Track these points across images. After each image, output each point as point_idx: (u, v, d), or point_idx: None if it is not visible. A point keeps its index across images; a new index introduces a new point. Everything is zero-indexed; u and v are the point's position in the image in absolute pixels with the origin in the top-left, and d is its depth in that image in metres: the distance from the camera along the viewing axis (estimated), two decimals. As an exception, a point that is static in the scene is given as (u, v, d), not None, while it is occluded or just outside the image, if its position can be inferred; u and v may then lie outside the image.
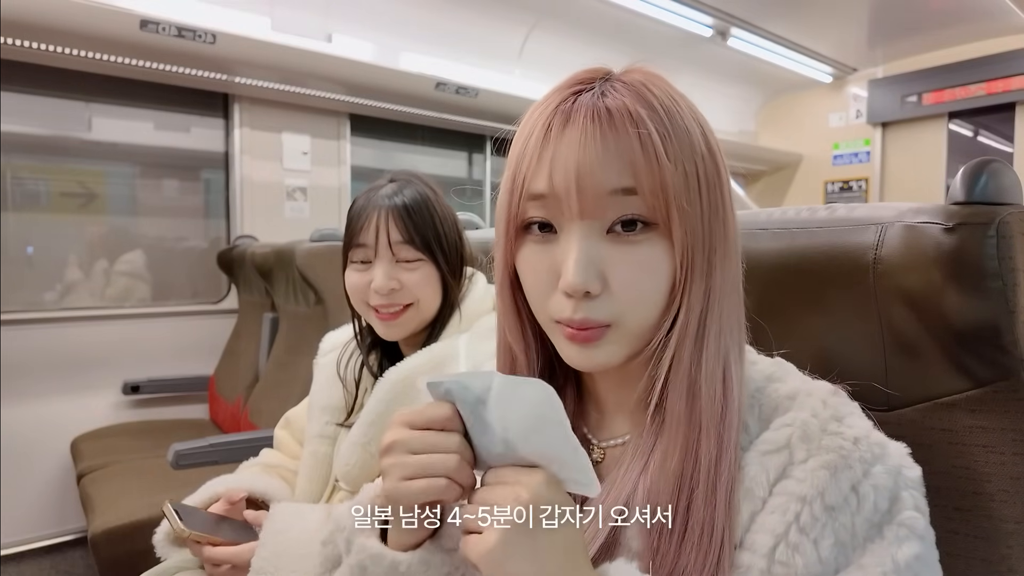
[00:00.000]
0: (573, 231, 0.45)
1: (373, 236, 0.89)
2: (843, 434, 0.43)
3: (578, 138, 0.44)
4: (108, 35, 2.10)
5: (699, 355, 0.45)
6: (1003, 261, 0.48)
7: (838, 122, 4.52)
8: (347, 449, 0.91)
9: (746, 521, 0.43)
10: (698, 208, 0.45)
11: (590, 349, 0.47)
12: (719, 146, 0.48)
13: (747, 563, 0.42)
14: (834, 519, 0.41)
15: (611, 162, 0.44)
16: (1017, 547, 0.51)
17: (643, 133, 0.43)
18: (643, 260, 0.45)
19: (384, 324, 0.91)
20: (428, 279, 0.91)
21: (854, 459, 0.42)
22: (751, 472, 0.44)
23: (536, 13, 3.17)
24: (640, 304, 0.46)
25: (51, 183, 2.51)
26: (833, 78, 4.38)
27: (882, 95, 4.26)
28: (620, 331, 0.46)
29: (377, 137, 3.27)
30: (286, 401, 1.39)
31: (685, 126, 0.45)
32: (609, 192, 0.44)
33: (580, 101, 0.45)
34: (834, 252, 0.57)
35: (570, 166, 0.44)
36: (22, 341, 2.27)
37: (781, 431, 0.44)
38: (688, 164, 0.44)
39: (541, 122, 0.46)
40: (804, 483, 0.42)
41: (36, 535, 2.30)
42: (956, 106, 3.94)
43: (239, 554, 0.81)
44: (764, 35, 3.57)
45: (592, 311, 0.45)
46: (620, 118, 0.44)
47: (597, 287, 0.45)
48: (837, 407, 0.45)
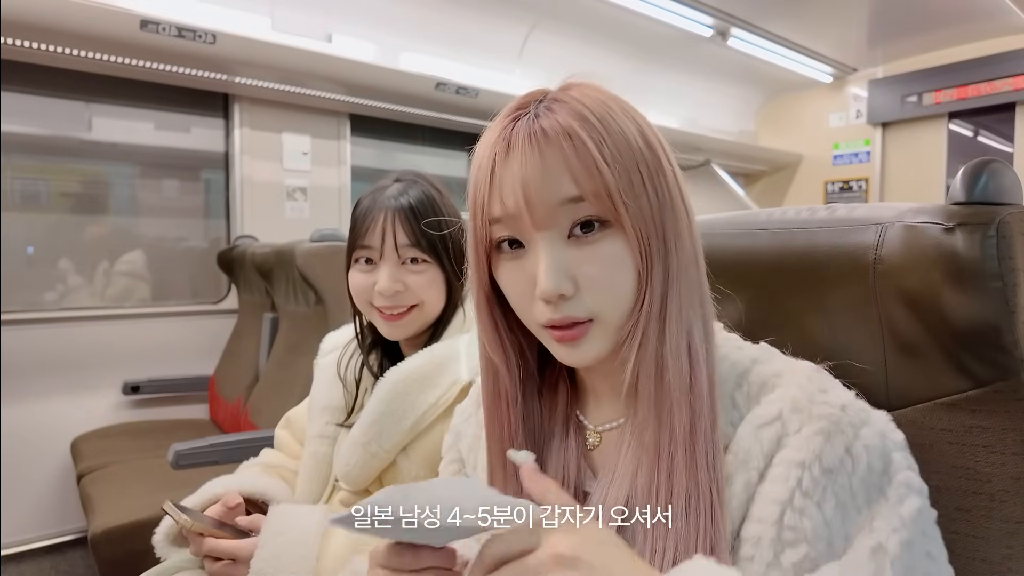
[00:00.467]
0: (538, 243, 0.50)
1: (379, 238, 0.89)
2: (831, 402, 0.46)
3: (519, 160, 0.49)
4: (108, 35, 2.10)
5: (662, 331, 0.49)
6: (1003, 261, 0.48)
7: (838, 122, 4.52)
8: (347, 449, 0.91)
9: (741, 492, 0.46)
10: (645, 200, 0.48)
11: (578, 347, 0.51)
12: (659, 137, 0.52)
13: (757, 534, 0.44)
14: (833, 481, 0.43)
15: (553, 176, 0.48)
16: (1018, 547, 0.51)
17: (577, 144, 0.48)
18: (605, 256, 0.49)
19: (388, 324, 0.91)
20: (433, 281, 0.91)
21: (844, 423, 0.45)
22: (744, 444, 0.47)
23: (536, 13, 3.17)
24: (612, 296, 0.50)
25: (51, 183, 2.51)
26: (833, 78, 4.39)
27: (882, 95, 4.26)
28: (601, 325, 0.50)
29: (377, 137, 3.27)
30: (286, 401, 1.39)
31: (619, 128, 0.49)
32: (558, 203, 0.48)
33: (518, 127, 0.50)
34: (834, 252, 0.57)
35: (517, 188, 0.48)
36: (22, 341, 2.27)
37: (772, 405, 0.47)
38: (628, 162, 0.48)
39: (487, 152, 0.51)
40: (801, 450, 0.44)
41: (36, 535, 2.30)
42: (956, 106, 3.95)
43: (240, 547, 0.81)
44: (764, 35, 3.57)
45: (571, 309, 0.49)
46: (554, 135, 0.48)
47: (570, 288, 0.49)
48: (821, 381, 0.48)
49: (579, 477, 0.56)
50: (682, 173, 0.53)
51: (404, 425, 0.88)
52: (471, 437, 0.66)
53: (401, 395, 0.88)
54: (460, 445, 0.68)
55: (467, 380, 0.87)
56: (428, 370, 0.89)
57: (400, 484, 0.90)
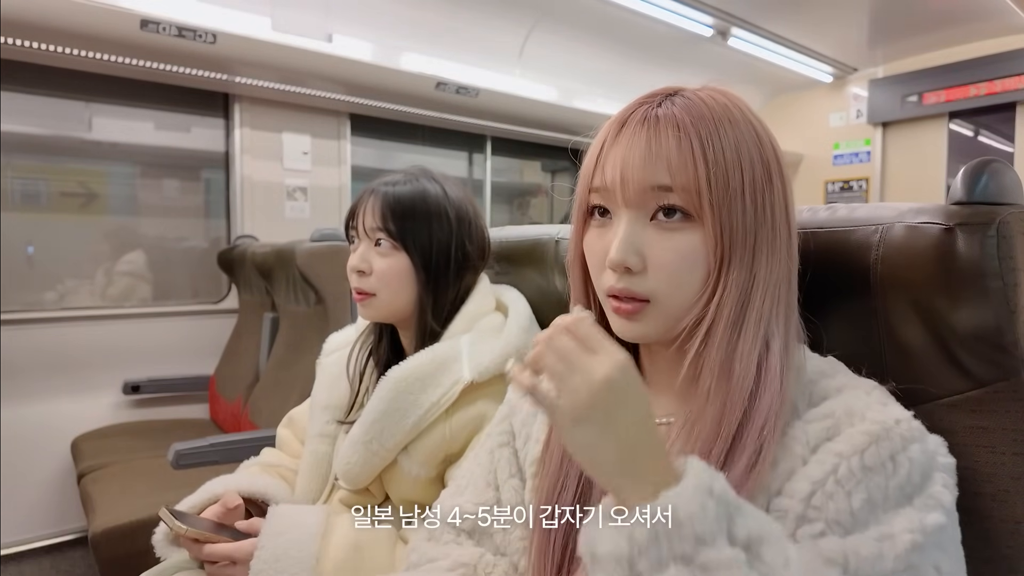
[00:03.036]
0: (622, 217, 0.53)
1: (360, 218, 0.93)
2: (887, 414, 0.47)
3: (627, 139, 0.52)
4: (108, 35, 2.10)
5: (735, 338, 0.50)
6: (1004, 261, 0.48)
7: (839, 122, 4.52)
8: (348, 447, 0.91)
9: (782, 475, 0.47)
10: (738, 206, 0.50)
11: (631, 322, 0.54)
12: (778, 156, 0.53)
13: (785, 507, 0.46)
14: (869, 478, 0.44)
15: (652, 161, 0.51)
16: (1018, 547, 0.51)
17: (682, 137, 0.50)
18: (679, 246, 0.51)
19: (358, 304, 0.95)
20: (397, 270, 0.92)
21: (895, 433, 0.45)
22: (793, 433, 0.48)
23: (536, 13, 3.16)
24: (675, 284, 0.52)
25: (52, 183, 2.51)
26: (834, 78, 4.38)
27: (883, 95, 4.26)
28: (658, 307, 0.52)
29: (377, 137, 3.27)
30: (286, 401, 1.40)
31: (734, 134, 0.51)
32: (649, 187, 0.51)
33: (638, 111, 0.53)
34: (835, 252, 0.58)
35: (617, 164, 0.52)
36: (22, 341, 2.27)
37: (826, 405, 0.49)
38: (731, 167, 0.50)
39: (606, 127, 0.55)
40: (845, 443, 0.46)
41: (36, 535, 2.30)
42: (956, 106, 3.94)
43: (239, 549, 0.81)
44: (765, 35, 3.57)
45: (632, 284, 0.52)
46: (664, 124, 0.51)
47: (637, 263, 0.51)
48: (881, 396, 0.50)
49: None
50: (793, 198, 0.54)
51: (406, 424, 0.88)
52: (526, 412, 0.68)
53: (403, 394, 0.89)
54: (513, 420, 0.70)
55: (469, 380, 0.87)
56: (430, 369, 0.89)
57: (400, 483, 0.90)
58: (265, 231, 2.71)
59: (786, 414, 0.49)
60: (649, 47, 3.58)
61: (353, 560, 0.81)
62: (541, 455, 0.63)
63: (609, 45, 3.50)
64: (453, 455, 0.89)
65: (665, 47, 3.61)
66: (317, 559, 0.79)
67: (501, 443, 0.69)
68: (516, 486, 0.66)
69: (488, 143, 3.66)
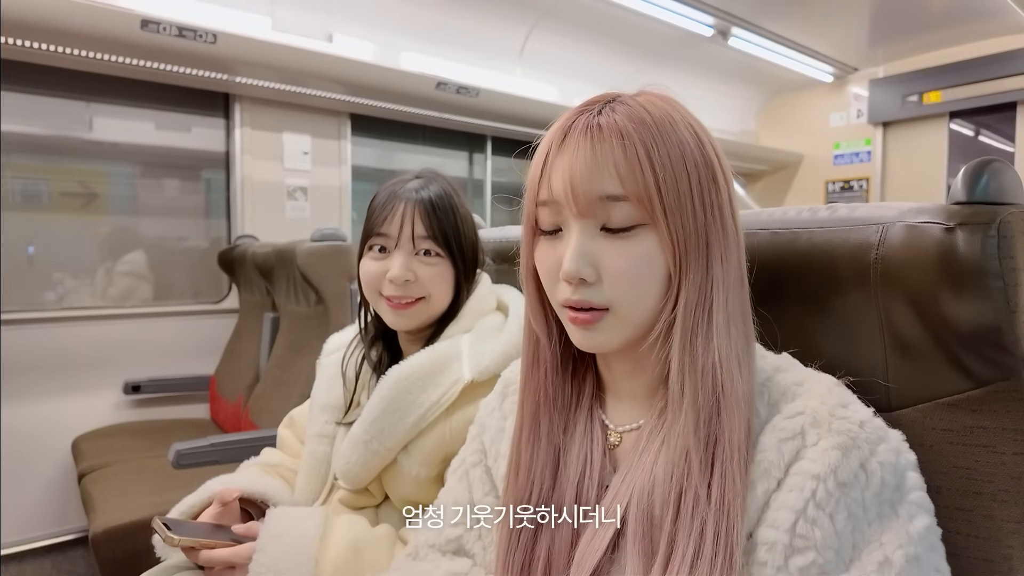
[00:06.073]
0: (573, 229, 0.52)
1: (397, 227, 0.90)
2: (850, 418, 0.47)
3: (572, 150, 0.51)
4: (109, 35, 2.10)
5: (698, 339, 0.50)
6: (1004, 261, 0.48)
7: (839, 122, 4.52)
8: (348, 447, 0.91)
9: (760, 498, 0.47)
10: (689, 209, 0.50)
11: (590, 331, 0.53)
12: (719, 157, 0.53)
13: (772, 539, 0.46)
14: (846, 494, 0.45)
15: (599, 171, 0.50)
16: (1018, 547, 0.51)
17: (628, 145, 0.50)
18: (634, 253, 0.51)
19: (394, 313, 0.92)
20: (443, 276, 0.92)
21: (861, 440, 0.46)
22: (770, 456, 0.48)
23: (537, 13, 3.16)
24: (633, 292, 0.51)
25: (52, 183, 2.51)
26: (834, 78, 4.38)
27: (883, 95, 4.26)
28: (616, 316, 0.52)
29: (378, 137, 3.27)
30: (287, 400, 1.40)
31: (677, 137, 0.51)
32: (599, 197, 0.50)
33: (579, 120, 0.52)
34: (835, 252, 0.57)
35: (564, 176, 0.51)
36: (22, 341, 2.27)
37: (795, 419, 0.49)
38: (678, 171, 0.50)
39: (547, 139, 0.54)
40: (817, 463, 0.46)
41: (37, 534, 2.30)
42: (957, 106, 3.94)
43: (236, 554, 0.81)
44: (765, 35, 3.57)
45: (588, 295, 0.52)
46: (608, 132, 0.50)
47: (591, 274, 0.51)
48: (841, 395, 0.50)
49: (602, 472, 0.57)
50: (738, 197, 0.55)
51: (406, 423, 0.88)
52: (494, 429, 0.68)
53: (403, 393, 0.89)
54: (484, 437, 0.70)
55: (469, 379, 0.87)
56: (430, 368, 0.89)
57: (400, 483, 0.90)
58: (265, 231, 2.71)
59: (752, 409, 0.50)
60: (650, 47, 3.58)
61: (352, 561, 0.81)
62: (508, 459, 0.62)
63: (610, 45, 3.50)
64: (453, 455, 0.88)
65: (666, 47, 3.61)
66: (316, 561, 0.79)
67: (474, 463, 0.70)
68: (492, 503, 0.66)
69: (488, 143, 3.66)
